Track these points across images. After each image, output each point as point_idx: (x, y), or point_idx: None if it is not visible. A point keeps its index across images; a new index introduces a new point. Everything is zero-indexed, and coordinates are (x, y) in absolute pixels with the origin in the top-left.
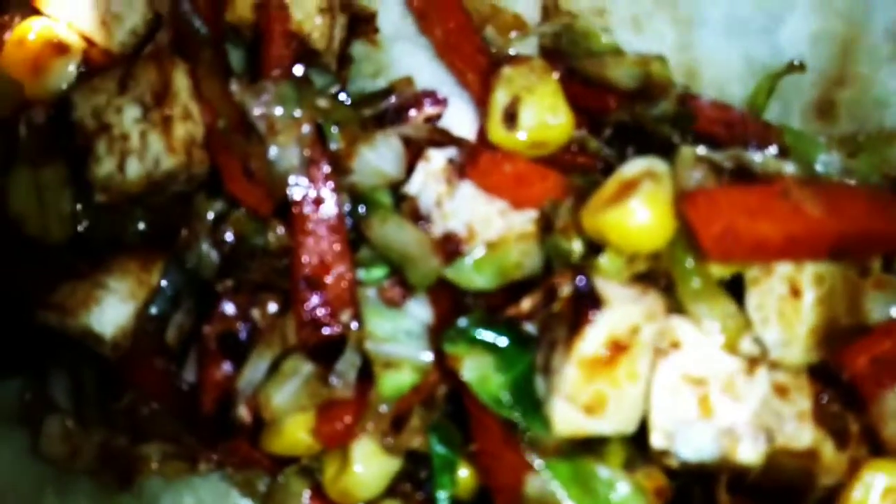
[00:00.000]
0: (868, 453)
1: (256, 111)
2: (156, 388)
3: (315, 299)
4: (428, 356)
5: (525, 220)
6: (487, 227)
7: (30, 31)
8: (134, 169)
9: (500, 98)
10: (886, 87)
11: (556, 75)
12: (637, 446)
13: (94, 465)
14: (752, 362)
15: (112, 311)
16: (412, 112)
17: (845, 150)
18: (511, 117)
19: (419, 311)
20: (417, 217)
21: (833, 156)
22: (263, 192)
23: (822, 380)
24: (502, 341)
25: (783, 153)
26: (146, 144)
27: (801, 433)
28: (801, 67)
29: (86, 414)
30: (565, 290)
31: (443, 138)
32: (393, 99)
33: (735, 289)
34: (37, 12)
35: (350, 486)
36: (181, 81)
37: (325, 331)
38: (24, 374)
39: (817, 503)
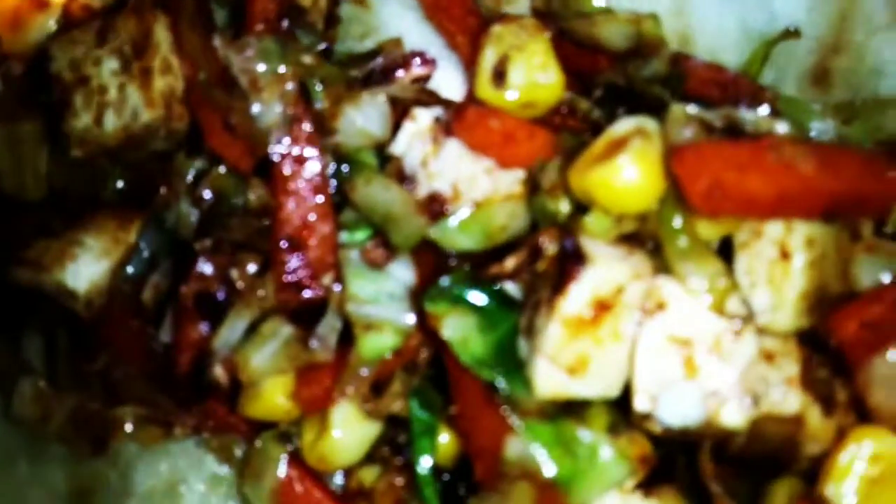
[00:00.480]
0: (855, 421)
1: (239, 65)
2: (131, 349)
3: (296, 261)
4: (410, 318)
5: (512, 179)
6: (473, 186)
7: None
8: (111, 122)
9: (488, 56)
10: (882, 55)
11: (547, 34)
12: (621, 412)
13: (66, 429)
14: (740, 325)
15: (86, 267)
16: (400, 72)
17: (839, 117)
18: (500, 75)
19: (402, 273)
20: (402, 178)
21: (827, 122)
22: (244, 148)
23: (811, 346)
24: (485, 301)
25: (776, 114)
26: (124, 97)
27: (787, 399)
28: (797, 34)
29: (59, 376)
30: (550, 248)
31: (430, 99)
32: (380, 59)
33: (724, 254)
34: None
35: (329, 452)
36: (161, 34)
37: (306, 293)
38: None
39: (802, 472)
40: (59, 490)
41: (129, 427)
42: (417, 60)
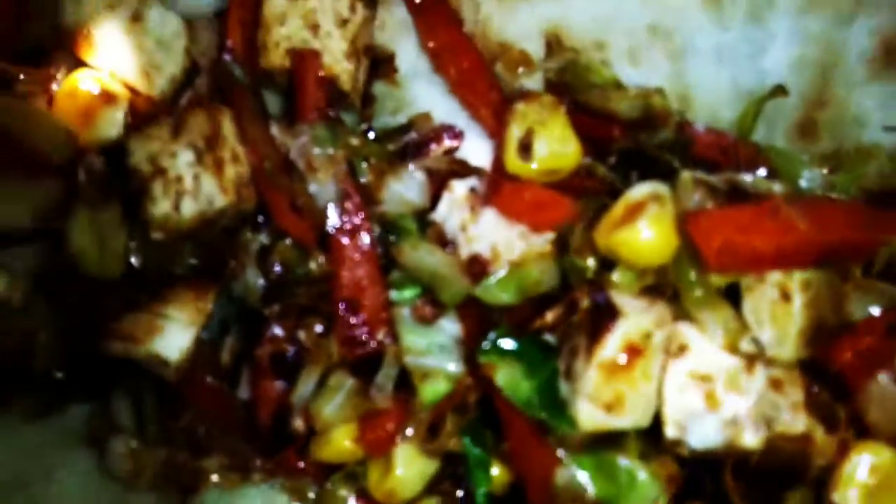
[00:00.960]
0: (855, 436)
1: (296, 151)
2: (212, 405)
3: (354, 320)
4: (460, 367)
5: (543, 241)
6: (509, 248)
7: (79, 82)
8: (189, 208)
9: (515, 132)
10: (862, 107)
11: (563, 109)
12: (651, 439)
13: (156, 481)
14: (751, 360)
15: (174, 337)
16: (432, 145)
17: (827, 166)
18: (526, 148)
19: (450, 327)
20: (444, 242)
21: (815, 172)
22: (309, 224)
23: (812, 373)
24: (529, 351)
25: (771, 174)
26: (199, 185)
27: (795, 421)
28: (784, 91)
29: (148, 433)
30: (584, 303)
31: (462, 169)
32: (413, 134)
33: (732, 296)
34: (82, 64)
35: (393, 488)
36: (228, 127)
37: (364, 348)
38: (90, 400)
39: (812, 483)
40: None
41: (214, 477)
42: (447, 134)
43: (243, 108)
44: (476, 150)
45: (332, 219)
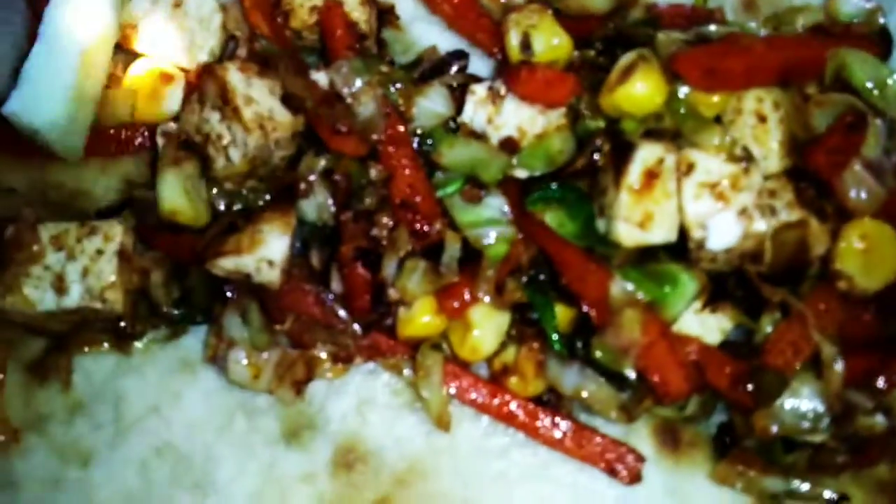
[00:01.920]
0: (842, 222)
1: (340, 83)
2: (311, 305)
3: (412, 216)
4: (512, 230)
5: (558, 115)
6: (533, 125)
7: (140, 69)
8: (236, 155)
9: (513, 37)
10: None
11: (550, 11)
12: (678, 256)
13: (273, 382)
14: (746, 165)
15: (275, 243)
16: (446, 67)
17: (770, 26)
18: (526, 47)
19: (495, 202)
20: (475, 136)
21: (763, 31)
22: (355, 140)
23: (797, 177)
24: (568, 196)
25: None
26: (233, 134)
27: (792, 214)
28: None
29: (258, 342)
30: (605, 146)
31: (474, 80)
32: (426, 63)
33: None
34: (133, 54)
35: (475, 344)
36: (233, 77)
37: (426, 238)
38: (205, 323)
39: (817, 274)
40: (274, 434)
41: (326, 363)
42: (454, 57)
43: (282, 68)
44: (480, 70)
45: (379, 132)
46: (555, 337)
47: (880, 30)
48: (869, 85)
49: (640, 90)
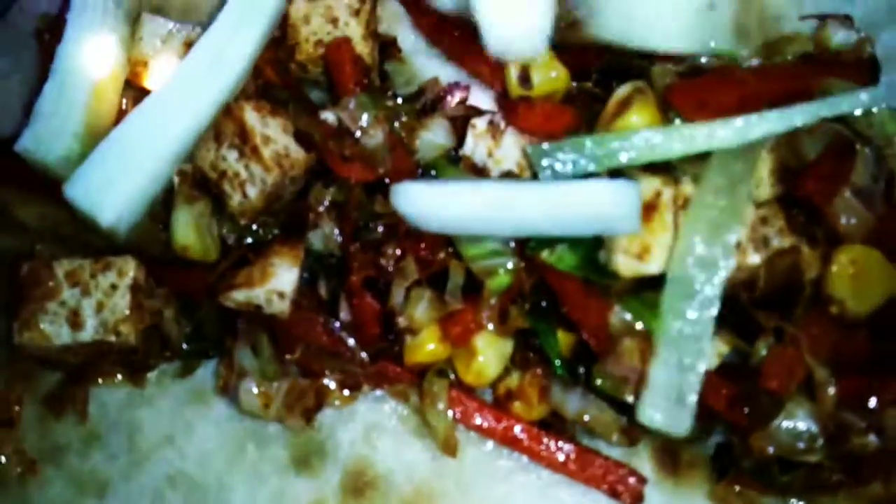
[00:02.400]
0: (832, 247)
1: (348, 119)
2: (320, 334)
3: (418, 246)
4: (515, 261)
5: None
6: None
7: None
8: (252, 192)
9: (513, 71)
10: (777, 6)
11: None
12: None
13: (283, 411)
14: None
15: (285, 275)
16: (448, 98)
17: (762, 55)
18: (525, 80)
19: None
20: (476, 170)
21: (754, 60)
22: (362, 166)
23: (788, 205)
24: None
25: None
26: (251, 172)
27: (783, 241)
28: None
29: (268, 372)
30: None
31: (475, 112)
32: (428, 94)
33: None
34: (144, 91)
35: (479, 370)
36: (250, 116)
37: (432, 267)
38: (216, 356)
39: (810, 298)
40: (284, 461)
41: (336, 392)
42: (456, 88)
43: (290, 103)
44: (479, 101)
45: (385, 163)
46: (557, 363)
47: (868, 58)
48: (856, 113)
49: (636, 122)
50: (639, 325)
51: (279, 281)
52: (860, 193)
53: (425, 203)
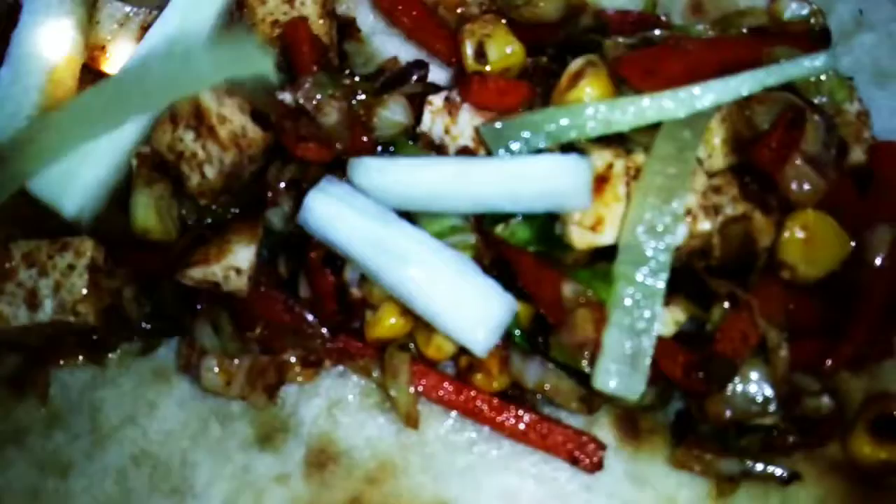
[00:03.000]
0: (785, 214)
1: (304, 98)
2: (279, 311)
3: None
4: (473, 237)
5: None
6: None
7: None
8: (210, 172)
9: (468, 46)
10: None
11: (503, 21)
12: None
13: (245, 388)
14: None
15: (242, 252)
16: (406, 77)
17: (717, 30)
18: (480, 55)
19: None
20: (433, 146)
21: (710, 33)
22: (319, 147)
23: (741, 174)
24: None
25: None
26: (208, 152)
27: (736, 208)
28: None
29: (230, 349)
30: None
31: (433, 89)
32: (387, 73)
33: None
34: (102, 75)
35: (440, 344)
36: (205, 96)
37: None
38: (177, 335)
39: (764, 267)
40: (248, 438)
41: (297, 367)
42: (415, 67)
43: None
44: (438, 79)
45: (343, 141)
46: (517, 333)
47: (820, 29)
48: (808, 81)
49: (588, 94)
50: (590, 293)
51: (236, 258)
52: (811, 161)
53: (382, 178)
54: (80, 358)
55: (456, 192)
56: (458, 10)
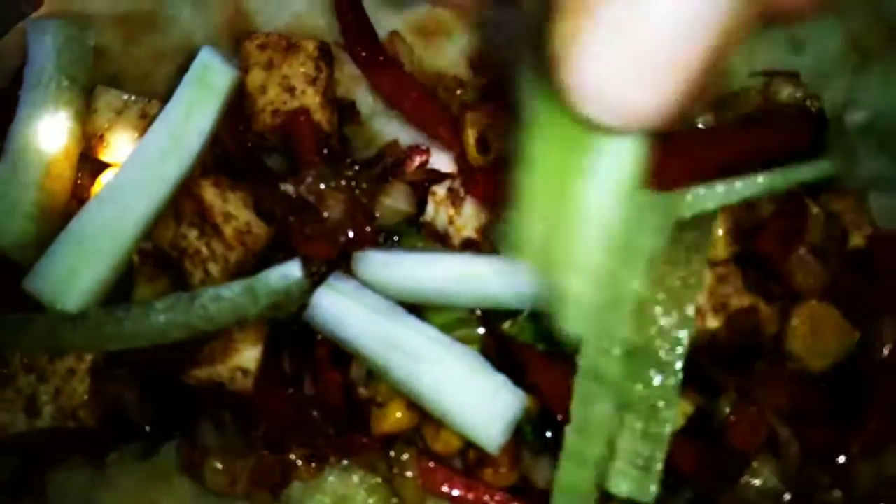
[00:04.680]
0: (789, 303)
1: (307, 191)
2: (285, 408)
3: None
4: (481, 330)
5: None
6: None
7: (109, 179)
8: (214, 269)
9: (470, 135)
10: (727, 61)
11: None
12: None
13: (249, 487)
14: None
15: (248, 352)
16: (408, 162)
17: (712, 112)
18: (483, 145)
19: None
20: (437, 236)
21: (707, 116)
22: (324, 244)
23: (744, 264)
24: None
25: None
26: (212, 250)
27: (741, 300)
28: None
29: (233, 448)
30: None
31: (436, 176)
32: (389, 158)
33: None
34: (101, 164)
35: (448, 438)
36: (210, 194)
37: None
38: (178, 434)
39: (769, 353)
40: None
41: (302, 465)
42: (416, 152)
43: (246, 176)
44: (439, 162)
45: (346, 234)
46: (528, 429)
47: (815, 113)
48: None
49: None
50: None
51: (242, 357)
52: (815, 251)
53: (387, 272)
54: (79, 460)
55: (463, 289)
56: (458, 92)
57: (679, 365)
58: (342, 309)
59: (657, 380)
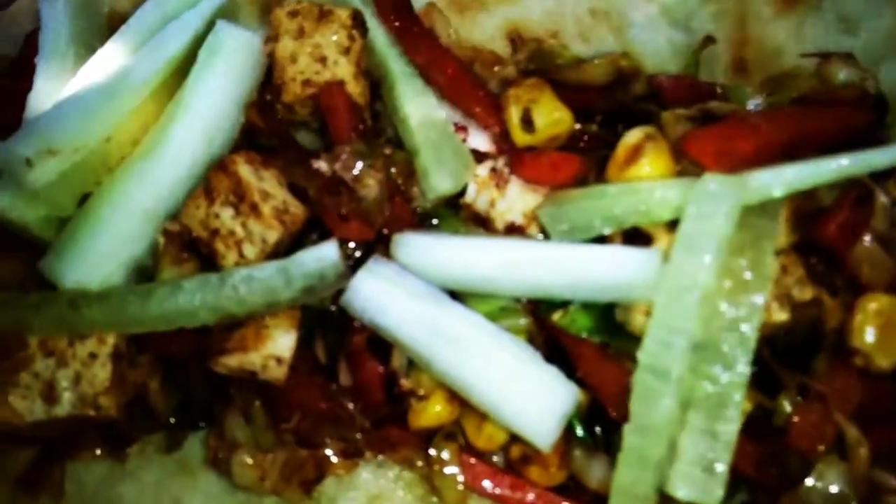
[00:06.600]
0: (853, 295)
1: (342, 169)
2: (318, 400)
3: None
4: (526, 320)
5: None
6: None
7: None
8: (250, 251)
9: (514, 113)
10: (777, 40)
11: (548, 85)
12: None
13: (280, 483)
14: None
15: (282, 339)
16: None
17: (765, 92)
18: (528, 123)
19: None
20: (478, 219)
21: (758, 98)
22: (361, 226)
23: (806, 253)
24: None
25: (726, 100)
26: (249, 231)
27: (804, 292)
28: (713, 40)
29: (263, 441)
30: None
31: (476, 156)
32: None
33: None
34: None
35: (490, 433)
36: (245, 171)
37: None
38: (206, 426)
39: (830, 346)
40: None
41: (336, 460)
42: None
43: (284, 159)
44: (476, 142)
45: (383, 215)
46: (578, 427)
47: (874, 95)
48: None
49: (648, 171)
50: None
51: (276, 345)
52: (882, 240)
53: (429, 257)
54: (98, 451)
55: (509, 277)
56: (496, 69)
57: (747, 360)
58: (384, 294)
59: (724, 376)
